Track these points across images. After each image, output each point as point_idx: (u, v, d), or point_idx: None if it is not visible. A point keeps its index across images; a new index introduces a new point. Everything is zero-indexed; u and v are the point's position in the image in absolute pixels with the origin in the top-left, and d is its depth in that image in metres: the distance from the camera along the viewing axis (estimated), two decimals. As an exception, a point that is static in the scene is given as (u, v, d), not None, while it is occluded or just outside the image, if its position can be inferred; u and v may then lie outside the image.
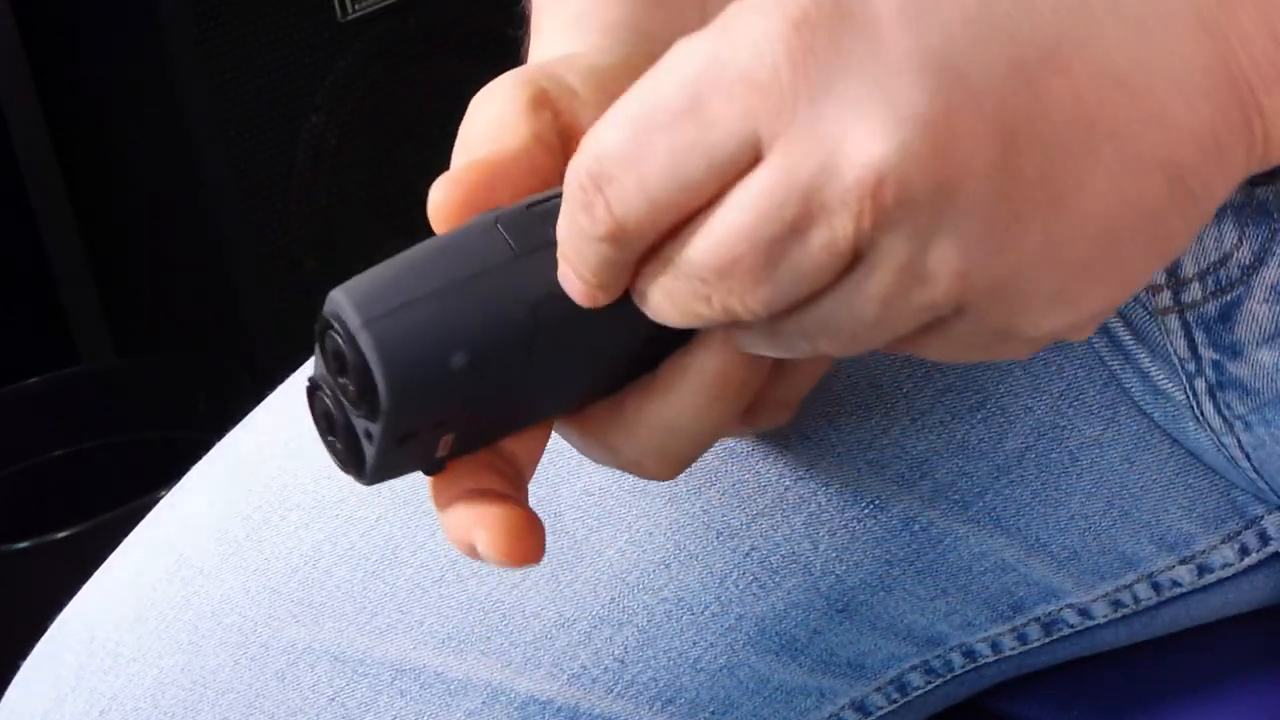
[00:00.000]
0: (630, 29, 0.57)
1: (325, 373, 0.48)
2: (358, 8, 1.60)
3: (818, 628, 0.63)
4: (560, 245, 0.46)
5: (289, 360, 0.69)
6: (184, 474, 0.68)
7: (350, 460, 0.49)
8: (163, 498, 0.68)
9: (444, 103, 1.45)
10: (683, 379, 0.49)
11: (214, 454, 0.68)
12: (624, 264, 0.45)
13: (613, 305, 0.47)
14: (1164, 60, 0.44)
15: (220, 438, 0.69)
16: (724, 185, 0.43)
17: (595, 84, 0.53)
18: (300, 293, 1.61)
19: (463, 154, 0.52)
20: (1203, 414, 0.63)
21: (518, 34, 0.64)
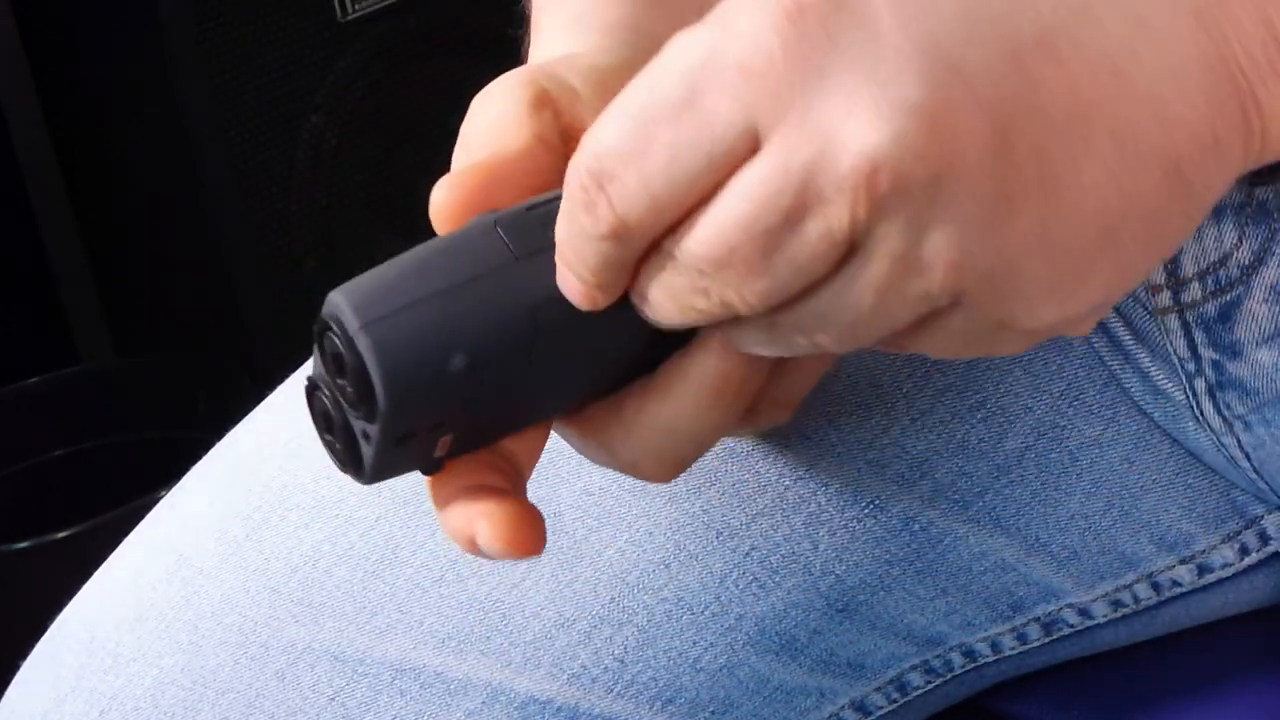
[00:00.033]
0: (630, 29, 0.57)
1: (324, 373, 0.48)
2: (358, 8, 1.60)
3: (818, 628, 0.63)
4: (559, 247, 0.46)
5: (289, 360, 0.69)
6: (184, 474, 0.68)
7: (349, 460, 0.49)
8: (163, 498, 0.68)
9: (444, 103, 1.45)
10: (682, 380, 0.49)
11: (214, 454, 0.68)
12: (624, 263, 0.45)
13: (612, 308, 0.47)
14: (1161, 55, 0.44)
15: (220, 438, 0.68)
16: (723, 177, 0.43)
17: (596, 84, 0.53)
18: (300, 293, 1.61)
19: (463, 154, 0.52)
20: (1202, 414, 0.63)
21: (518, 34, 0.64)
